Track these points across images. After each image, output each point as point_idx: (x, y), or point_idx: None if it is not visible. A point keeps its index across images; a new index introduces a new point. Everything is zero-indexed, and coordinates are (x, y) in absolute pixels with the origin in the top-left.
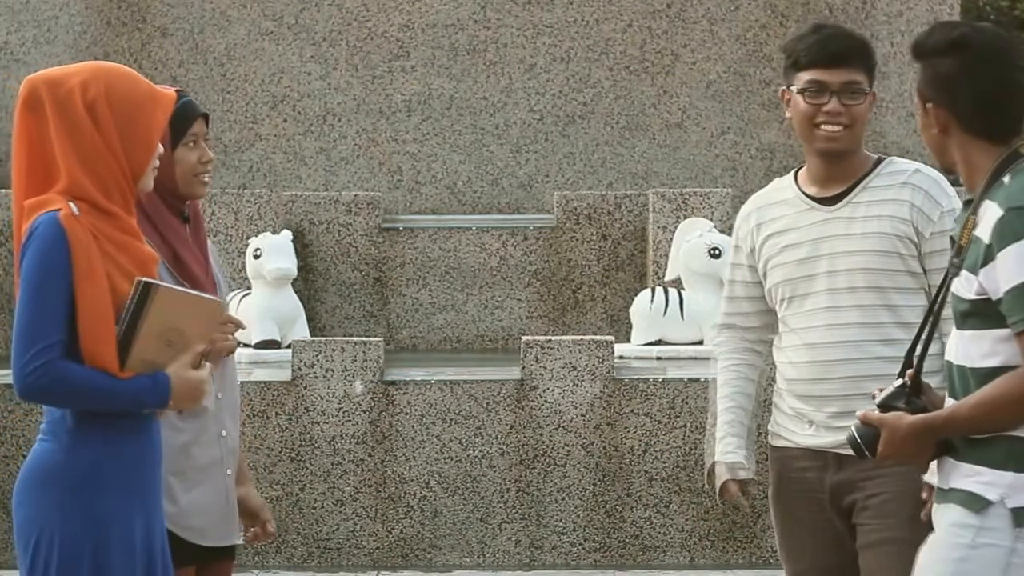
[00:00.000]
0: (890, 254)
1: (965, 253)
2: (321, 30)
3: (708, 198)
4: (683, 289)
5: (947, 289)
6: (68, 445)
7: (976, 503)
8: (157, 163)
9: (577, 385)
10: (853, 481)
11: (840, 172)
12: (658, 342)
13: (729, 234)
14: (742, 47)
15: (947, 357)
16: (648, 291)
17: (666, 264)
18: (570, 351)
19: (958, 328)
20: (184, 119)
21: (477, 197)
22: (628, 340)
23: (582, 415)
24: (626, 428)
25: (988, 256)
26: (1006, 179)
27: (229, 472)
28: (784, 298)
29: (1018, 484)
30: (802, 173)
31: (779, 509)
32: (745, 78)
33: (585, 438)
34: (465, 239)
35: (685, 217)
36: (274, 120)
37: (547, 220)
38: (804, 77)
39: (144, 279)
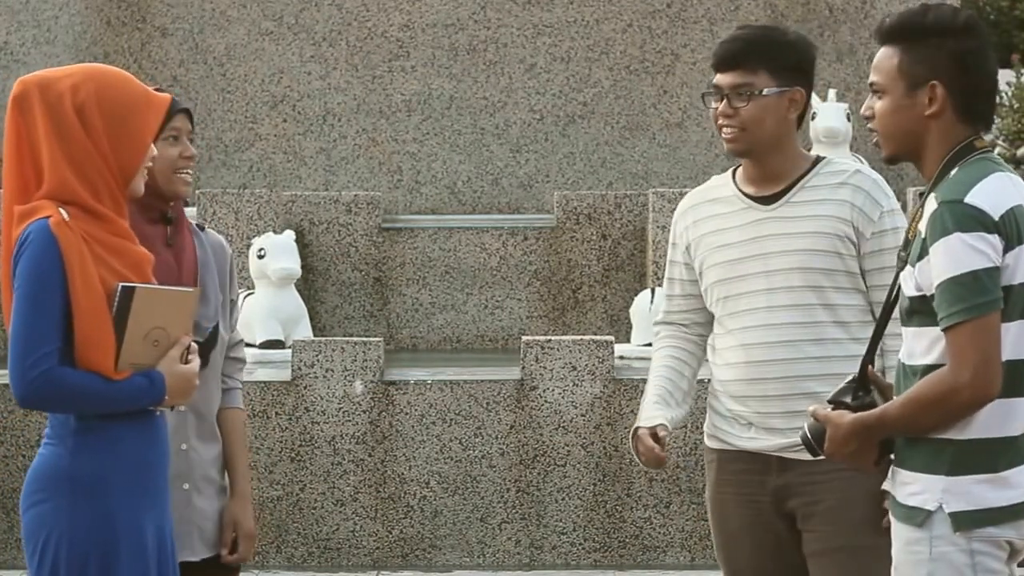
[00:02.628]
0: (829, 253)
1: (911, 247)
2: (321, 30)
3: None
4: None
5: (898, 284)
6: (73, 448)
7: (916, 516)
8: (149, 164)
9: (577, 385)
10: (796, 484)
11: (774, 172)
12: None
13: None
14: None
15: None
16: (648, 291)
17: (666, 264)
18: (570, 351)
19: (904, 325)
20: None
21: (477, 197)
22: (628, 340)
23: (582, 415)
24: (626, 428)
25: (923, 251)
26: (954, 171)
27: (186, 487)
28: (720, 298)
29: (951, 488)
30: (740, 172)
31: (716, 511)
32: None
33: (585, 438)
34: (465, 239)
35: None
36: (274, 120)
37: (547, 220)
38: (712, 81)
39: (123, 284)
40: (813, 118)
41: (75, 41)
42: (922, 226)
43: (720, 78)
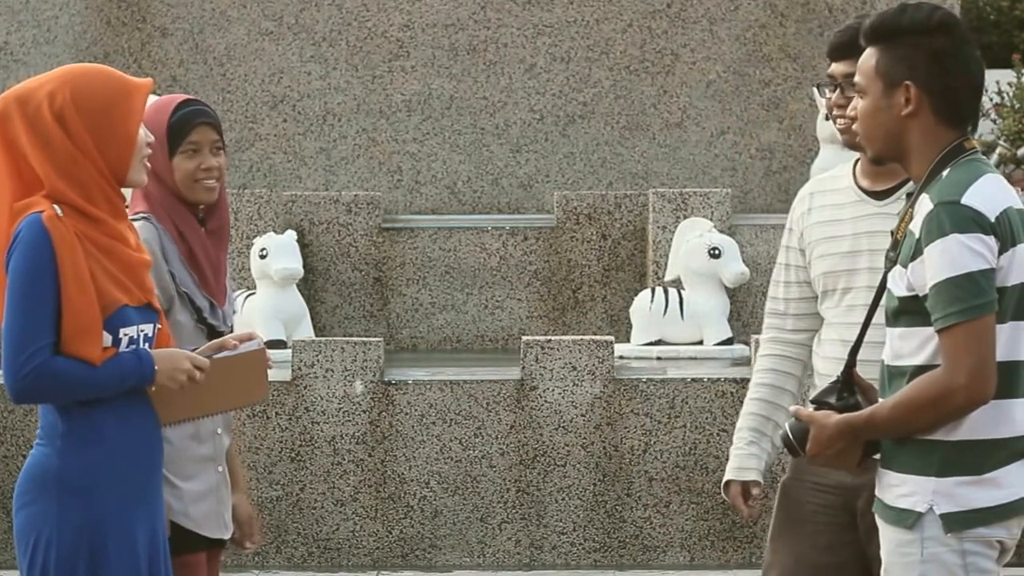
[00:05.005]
0: None
1: (900, 247)
2: (321, 30)
3: (708, 198)
4: (683, 289)
5: (885, 284)
6: (61, 449)
7: (907, 518)
8: (148, 151)
9: (577, 385)
10: (871, 486)
11: (887, 167)
12: (658, 342)
13: (728, 234)
14: (742, 47)
15: (881, 356)
16: (648, 291)
17: (666, 264)
18: (570, 351)
19: (889, 326)
20: (181, 129)
21: (477, 197)
22: (628, 340)
23: (582, 415)
24: (626, 428)
25: (917, 251)
26: (945, 172)
27: (220, 469)
28: (825, 290)
29: (941, 489)
30: (859, 164)
31: (784, 498)
32: (745, 78)
33: (585, 438)
34: (465, 239)
35: (685, 217)
36: (274, 120)
37: (547, 220)
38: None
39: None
40: (828, 118)
41: (75, 41)
42: (914, 227)
43: (834, 67)
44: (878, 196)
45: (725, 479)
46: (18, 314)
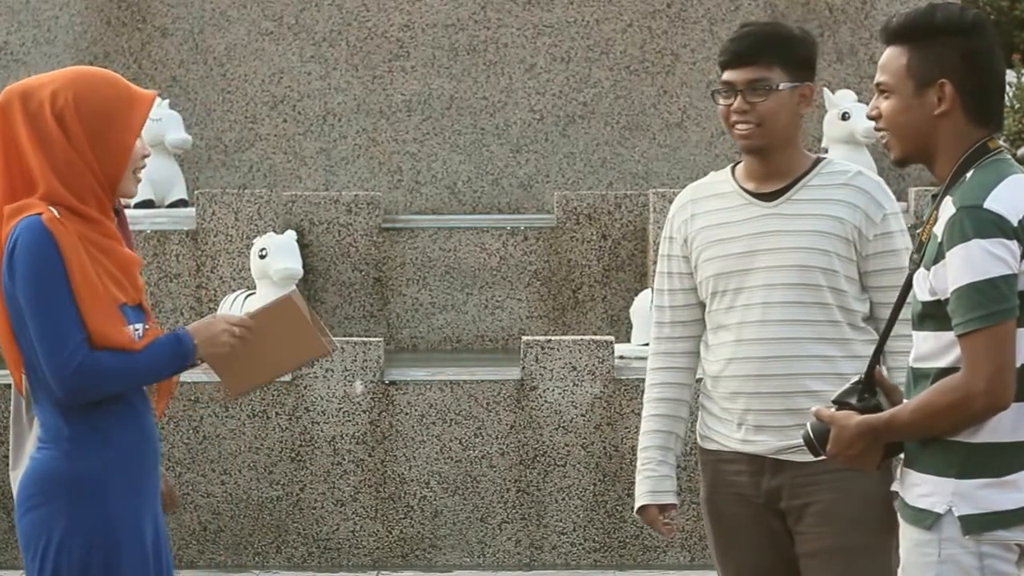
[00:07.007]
0: (828, 253)
1: (924, 249)
2: (321, 30)
3: None
4: None
5: (910, 286)
6: (69, 451)
7: (926, 518)
8: (142, 164)
9: (577, 385)
10: (789, 486)
11: (776, 169)
12: None
13: None
14: None
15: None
16: (648, 291)
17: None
18: (570, 351)
19: (915, 329)
20: None
21: (477, 197)
22: (628, 340)
23: (582, 415)
24: (626, 428)
25: (939, 255)
26: (969, 174)
27: None
28: (716, 292)
29: (961, 491)
30: (740, 168)
31: (713, 513)
32: None
33: (585, 438)
34: (465, 239)
35: None
36: (274, 120)
37: (547, 220)
38: (721, 79)
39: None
40: (846, 118)
41: (75, 41)
42: (937, 229)
43: (733, 74)
44: (767, 198)
45: (640, 503)
46: (43, 317)
